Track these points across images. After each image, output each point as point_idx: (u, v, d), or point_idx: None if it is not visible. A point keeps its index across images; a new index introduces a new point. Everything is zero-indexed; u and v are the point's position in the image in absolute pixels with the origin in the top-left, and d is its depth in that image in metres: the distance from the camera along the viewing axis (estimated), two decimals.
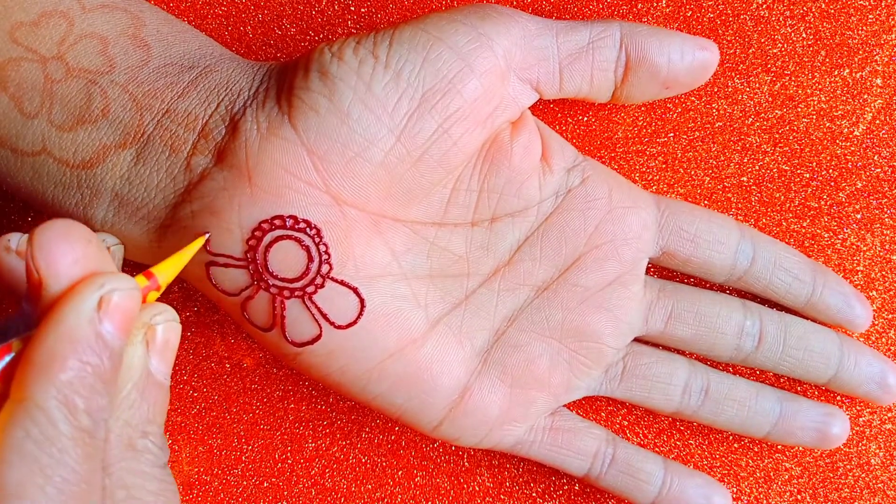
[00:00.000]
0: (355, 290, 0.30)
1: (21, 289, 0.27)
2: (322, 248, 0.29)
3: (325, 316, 0.30)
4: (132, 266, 0.34)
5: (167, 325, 0.25)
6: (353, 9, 0.36)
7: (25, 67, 0.30)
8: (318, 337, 0.30)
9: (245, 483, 0.37)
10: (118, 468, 0.23)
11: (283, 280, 0.30)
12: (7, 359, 0.22)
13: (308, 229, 0.29)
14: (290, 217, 0.29)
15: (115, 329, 0.22)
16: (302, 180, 0.29)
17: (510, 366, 0.32)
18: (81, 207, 0.31)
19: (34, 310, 0.23)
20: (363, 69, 0.29)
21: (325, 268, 0.30)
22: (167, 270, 0.26)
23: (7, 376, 0.22)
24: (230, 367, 0.37)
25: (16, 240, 0.27)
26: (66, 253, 0.23)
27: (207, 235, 0.29)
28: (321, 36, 0.36)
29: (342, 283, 0.30)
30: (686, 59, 0.32)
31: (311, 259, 0.29)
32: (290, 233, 0.29)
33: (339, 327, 0.30)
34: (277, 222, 0.29)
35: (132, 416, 0.24)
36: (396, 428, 0.37)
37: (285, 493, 0.37)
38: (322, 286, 0.30)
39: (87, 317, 0.22)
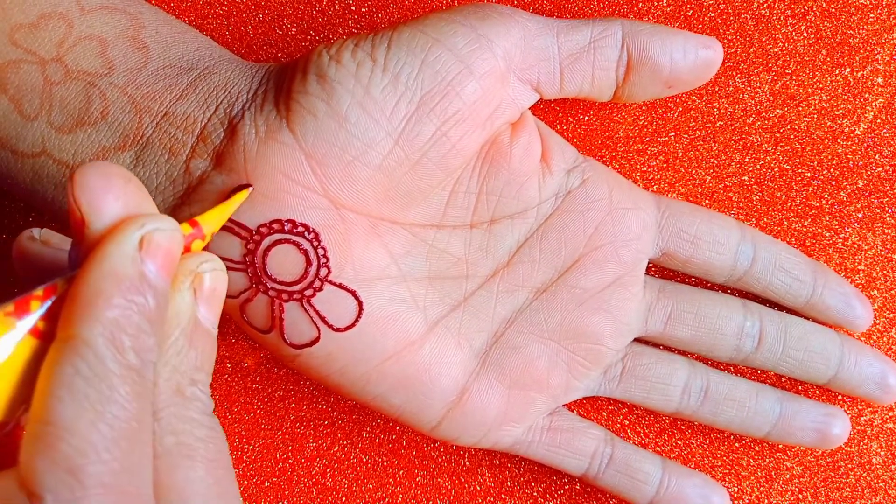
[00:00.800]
0: (353, 293, 0.30)
1: (47, 274, 0.27)
2: (320, 251, 0.29)
3: (323, 319, 0.30)
4: None
5: (214, 274, 0.24)
6: (353, 9, 0.36)
7: (25, 69, 0.30)
8: (317, 339, 0.30)
9: (246, 483, 0.37)
10: (167, 413, 0.23)
11: (281, 283, 0.30)
12: (53, 298, 0.22)
13: (306, 233, 0.29)
14: (289, 221, 0.29)
15: (158, 269, 0.22)
16: (300, 184, 0.29)
17: (509, 367, 0.32)
18: None
19: (79, 251, 0.23)
20: (361, 72, 0.29)
21: (323, 271, 0.30)
22: (212, 220, 0.26)
23: (53, 316, 0.22)
24: (231, 367, 0.37)
25: (38, 231, 0.27)
26: (107, 189, 0.22)
27: (251, 189, 0.29)
28: (322, 36, 0.36)
29: (340, 286, 0.30)
30: (689, 58, 0.32)
31: (309, 262, 0.29)
32: (288, 237, 0.29)
33: (338, 330, 0.30)
34: (276, 226, 0.29)
35: (180, 363, 0.24)
36: (397, 427, 0.37)
37: (286, 492, 0.37)
38: (320, 289, 0.30)
39: (130, 255, 0.22)
